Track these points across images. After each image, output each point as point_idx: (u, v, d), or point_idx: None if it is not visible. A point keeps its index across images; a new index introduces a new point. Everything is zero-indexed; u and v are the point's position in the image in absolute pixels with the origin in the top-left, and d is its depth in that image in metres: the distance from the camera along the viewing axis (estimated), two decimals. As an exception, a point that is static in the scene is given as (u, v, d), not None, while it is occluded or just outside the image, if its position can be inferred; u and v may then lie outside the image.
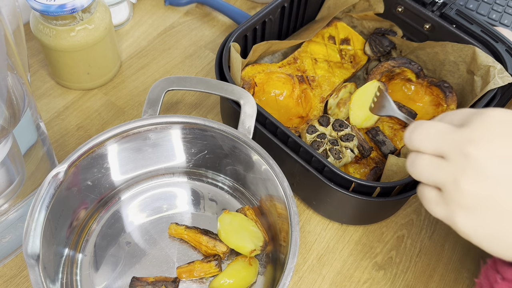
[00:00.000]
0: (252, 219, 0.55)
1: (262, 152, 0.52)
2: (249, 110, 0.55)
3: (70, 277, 0.52)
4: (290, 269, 0.45)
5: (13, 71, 0.44)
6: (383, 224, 0.61)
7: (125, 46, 0.74)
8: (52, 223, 0.48)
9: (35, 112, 0.49)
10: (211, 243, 0.54)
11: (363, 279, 0.57)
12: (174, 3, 0.79)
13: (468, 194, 0.35)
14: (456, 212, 0.36)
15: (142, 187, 0.59)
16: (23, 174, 0.49)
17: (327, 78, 0.66)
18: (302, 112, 0.65)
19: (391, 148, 0.60)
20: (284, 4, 0.66)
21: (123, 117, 0.67)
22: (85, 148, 0.51)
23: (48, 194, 0.47)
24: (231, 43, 0.60)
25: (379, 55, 0.69)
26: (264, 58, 0.68)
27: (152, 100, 0.55)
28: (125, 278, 0.53)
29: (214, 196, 0.59)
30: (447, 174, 0.36)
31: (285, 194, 0.49)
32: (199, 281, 0.53)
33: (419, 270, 0.58)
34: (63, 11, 0.57)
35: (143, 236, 0.56)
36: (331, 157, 0.57)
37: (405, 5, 0.68)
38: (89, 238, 0.55)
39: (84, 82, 0.68)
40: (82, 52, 0.63)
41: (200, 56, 0.74)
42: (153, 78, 0.71)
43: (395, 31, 0.70)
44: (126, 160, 0.56)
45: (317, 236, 0.59)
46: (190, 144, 0.57)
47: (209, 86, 0.56)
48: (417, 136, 0.38)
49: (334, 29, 0.71)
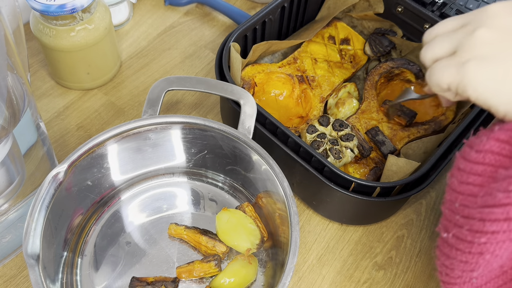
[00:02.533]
0: (252, 216, 0.55)
1: (262, 152, 0.52)
2: (249, 110, 0.55)
3: (70, 277, 0.52)
4: (290, 269, 0.45)
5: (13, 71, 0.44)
6: (383, 224, 0.61)
7: (125, 46, 0.74)
8: (52, 223, 0.48)
9: (35, 112, 0.49)
10: (211, 243, 0.54)
11: (363, 279, 0.57)
12: (174, 3, 0.79)
13: (483, 42, 0.38)
14: (469, 62, 0.38)
15: (142, 187, 0.59)
16: (23, 174, 0.49)
17: (327, 78, 0.66)
18: (302, 112, 0.65)
19: (391, 148, 0.60)
20: (284, 4, 0.66)
21: (123, 117, 0.67)
22: (85, 148, 0.51)
23: (48, 194, 0.47)
24: (231, 43, 0.60)
25: (379, 55, 0.69)
26: (264, 58, 0.68)
27: (152, 100, 0.55)
28: (125, 278, 0.53)
29: (214, 196, 0.59)
30: (463, 31, 0.40)
31: (285, 194, 0.49)
32: (199, 281, 0.53)
33: (419, 270, 0.58)
34: (63, 11, 0.57)
35: (143, 236, 0.56)
36: (331, 157, 0.57)
37: (405, 5, 0.68)
38: (89, 238, 0.55)
39: (84, 82, 0.68)
40: (82, 52, 0.63)
41: (200, 56, 0.74)
42: (153, 78, 0.71)
43: (395, 31, 0.70)
44: (126, 160, 0.56)
45: (317, 236, 0.59)
46: (190, 144, 0.57)
47: (209, 86, 0.56)
48: (429, 32, 0.44)
49: (334, 29, 0.71)
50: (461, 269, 0.36)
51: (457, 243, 0.36)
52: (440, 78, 0.41)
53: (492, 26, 0.39)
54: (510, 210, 0.32)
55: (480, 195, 0.34)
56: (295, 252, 0.46)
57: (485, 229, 0.33)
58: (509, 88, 0.37)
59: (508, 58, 0.37)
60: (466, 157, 0.36)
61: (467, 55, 0.39)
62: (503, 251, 0.34)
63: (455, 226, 0.36)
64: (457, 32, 0.41)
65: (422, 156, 0.58)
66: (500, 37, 0.38)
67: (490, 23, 0.39)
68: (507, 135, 0.34)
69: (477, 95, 0.38)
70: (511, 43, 0.38)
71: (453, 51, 0.41)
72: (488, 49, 0.38)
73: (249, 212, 0.55)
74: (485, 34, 0.38)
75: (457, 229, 0.35)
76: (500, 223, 0.32)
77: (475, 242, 0.34)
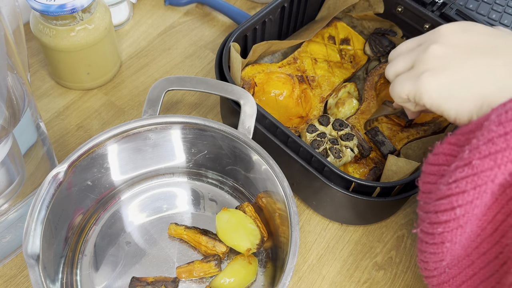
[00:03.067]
0: (252, 216, 0.55)
1: (262, 152, 0.52)
2: (249, 110, 0.55)
3: (70, 277, 0.52)
4: (290, 269, 0.45)
5: (13, 71, 0.44)
6: (383, 224, 0.61)
7: (125, 46, 0.74)
8: (52, 223, 0.48)
9: (35, 112, 0.49)
10: (211, 243, 0.54)
11: (363, 279, 0.57)
12: (174, 3, 0.79)
13: (435, 56, 0.44)
14: (423, 74, 0.44)
15: (142, 187, 0.59)
16: (23, 174, 0.49)
17: (327, 78, 0.66)
18: (302, 112, 0.65)
19: (390, 149, 0.60)
20: (284, 4, 0.66)
21: (123, 117, 0.67)
22: (85, 148, 0.51)
23: (48, 194, 0.47)
24: (231, 43, 0.60)
25: (379, 55, 0.69)
26: (264, 58, 0.68)
27: (152, 100, 0.55)
28: (125, 278, 0.53)
29: (214, 196, 0.59)
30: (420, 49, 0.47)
31: (285, 194, 0.49)
32: (199, 281, 0.53)
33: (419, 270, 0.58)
34: (63, 11, 0.57)
35: (143, 236, 0.56)
36: (331, 156, 0.57)
37: (405, 5, 0.68)
38: (89, 238, 0.55)
39: (84, 82, 0.68)
40: (82, 52, 0.63)
41: (200, 56, 0.74)
42: (153, 78, 0.71)
43: (395, 31, 0.70)
44: (126, 160, 0.56)
45: (317, 236, 0.59)
46: (190, 144, 0.57)
47: (209, 86, 0.56)
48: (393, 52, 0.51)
49: (334, 29, 0.71)
50: (433, 260, 0.41)
51: (423, 236, 0.40)
52: (400, 90, 0.47)
53: (443, 43, 0.45)
54: (452, 200, 0.36)
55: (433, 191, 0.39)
56: (295, 252, 0.46)
57: (438, 219, 0.37)
58: (458, 94, 0.43)
59: (456, 69, 0.43)
60: (427, 161, 0.41)
61: (422, 68, 0.45)
62: (459, 237, 0.38)
63: (421, 221, 0.40)
64: (415, 50, 0.47)
65: (422, 156, 0.58)
66: (449, 52, 0.44)
67: (441, 40, 0.45)
68: (456, 138, 0.38)
69: (431, 102, 0.44)
70: (458, 56, 0.44)
71: (412, 66, 0.47)
72: (439, 62, 0.44)
73: (249, 212, 0.55)
74: (437, 50, 0.45)
75: (422, 224, 0.40)
76: (448, 212, 0.37)
77: (435, 233, 0.38)
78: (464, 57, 0.44)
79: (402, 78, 0.47)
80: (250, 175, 0.56)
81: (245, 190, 0.59)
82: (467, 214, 0.36)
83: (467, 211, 0.36)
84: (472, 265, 0.41)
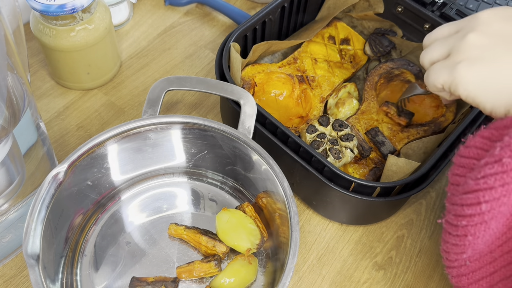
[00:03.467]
0: (252, 215, 0.55)
1: (262, 152, 0.52)
2: (249, 110, 0.55)
3: (70, 277, 0.52)
4: (290, 269, 0.45)
5: (13, 71, 0.44)
6: (383, 224, 0.61)
7: (125, 46, 0.74)
8: (52, 223, 0.48)
9: (35, 112, 0.49)
10: (211, 243, 0.54)
11: (363, 279, 0.57)
12: (174, 3, 0.79)
13: (473, 45, 0.43)
14: (459, 64, 0.43)
15: (142, 187, 0.59)
16: (23, 174, 0.49)
17: (327, 78, 0.66)
18: (302, 112, 0.65)
19: (390, 149, 0.60)
20: (284, 4, 0.66)
21: (123, 117, 0.67)
22: (85, 148, 0.51)
23: (48, 194, 0.47)
24: (231, 43, 0.60)
25: (379, 55, 0.69)
26: (264, 58, 0.68)
27: (152, 100, 0.55)
28: (125, 278, 0.53)
29: (214, 196, 0.59)
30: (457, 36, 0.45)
31: (285, 194, 0.49)
32: (199, 281, 0.53)
33: (419, 270, 0.58)
34: (63, 11, 0.57)
35: (143, 236, 0.56)
36: (331, 157, 0.57)
37: (405, 5, 0.68)
38: (89, 238, 0.55)
39: (84, 82, 0.68)
40: (82, 52, 0.63)
41: (200, 56, 0.74)
42: (153, 78, 0.71)
43: (395, 31, 0.70)
44: (126, 160, 0.56)
45: (317, 236, 0.59)
46: (190, 144, 0.57)
47: (209, 86, 0.56)
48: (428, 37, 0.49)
49: (334, 29, 0.71)
50: (454, 251, 0.41)
51: (448, 227, 0.40)
52: (435, 79, 0.45)
53: (481, 31, 0.43)
54: (479, 195, 0.36)
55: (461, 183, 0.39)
56: (295, 252, 0.46)
57: (463, 212, 0.37)
58: (495, 87, 0.41)
59: (495, 60, 0.42)
60: (458, 152, 0.41)
61: (459, 57, 0.43)
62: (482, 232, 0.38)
63: (447, 212, 0.40)
64: (452, 37, 0.46)
65: (422, 156, 0.58)
66: (488, 41, 0.43)
67: (480, 28, 0.43)
68: (489, 133, 0.38)
69: (467, 93, 0.43)
70: (497, 46, 0.42)
71: (448, 54, 0.45)
72: (477, 52, 0.42)
73: (249, 212, 0.55)
74: (475, 39, 0.43)
75: (448, 215, 0.40)
76: (474, 206, 0.37)
77: (459, 225, 0.38)
78: (504, 48, 0.42)
79: (438, 67, 0.45)
80: (250, 175, 0.56)
81: (245, 190, 0.59)
82: (492, 211, 0.36)
83: (493, 208, 0.36)
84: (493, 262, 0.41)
